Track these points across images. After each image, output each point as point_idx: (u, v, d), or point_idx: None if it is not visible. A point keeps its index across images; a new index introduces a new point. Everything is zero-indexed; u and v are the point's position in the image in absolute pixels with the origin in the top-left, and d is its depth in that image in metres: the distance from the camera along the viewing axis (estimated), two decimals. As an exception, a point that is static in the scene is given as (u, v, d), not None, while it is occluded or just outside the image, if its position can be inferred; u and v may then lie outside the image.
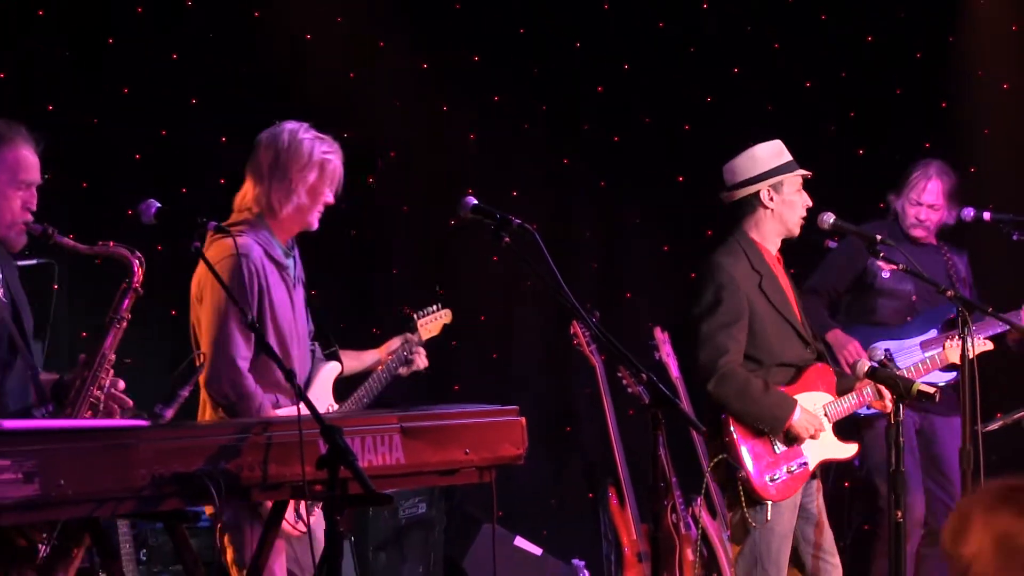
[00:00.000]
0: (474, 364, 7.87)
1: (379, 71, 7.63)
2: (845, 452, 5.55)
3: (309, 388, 4.81)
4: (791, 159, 5.51)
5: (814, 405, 5.41)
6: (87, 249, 4.18)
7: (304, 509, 4.55)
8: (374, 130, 7.58)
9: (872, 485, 6.69)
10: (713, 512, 6.62)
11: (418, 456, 4.13)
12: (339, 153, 4.83)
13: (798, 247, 5.67)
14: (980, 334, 5.98)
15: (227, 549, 4.62)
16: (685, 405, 6.43)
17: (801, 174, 5.50)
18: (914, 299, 6.77)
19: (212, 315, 4.65)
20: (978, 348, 5.53)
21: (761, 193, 5.46)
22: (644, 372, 4.13)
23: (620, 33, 8.06)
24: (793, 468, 5.35)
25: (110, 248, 4.19)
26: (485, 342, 7.90)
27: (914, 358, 6.28)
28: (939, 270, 6.65)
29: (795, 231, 5.51)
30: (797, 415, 5.31)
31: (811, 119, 7.97)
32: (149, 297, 4.32)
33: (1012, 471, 7.21)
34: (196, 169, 7.09)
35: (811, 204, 5.51)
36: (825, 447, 5.44)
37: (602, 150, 8.08)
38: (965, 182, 7.11)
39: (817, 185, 5.58)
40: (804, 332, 5.49)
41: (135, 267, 4.18)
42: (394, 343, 5.24)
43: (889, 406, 5.28)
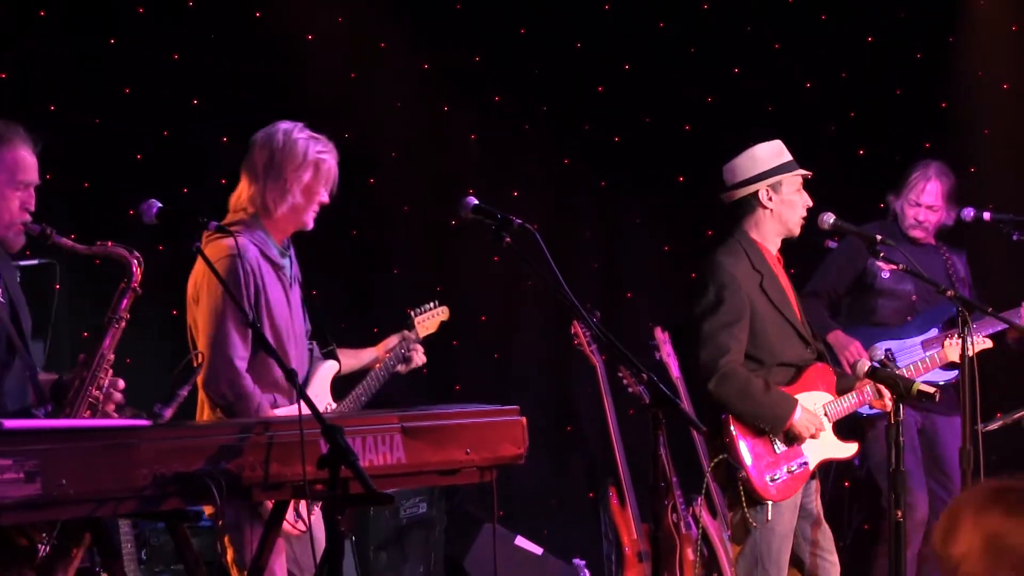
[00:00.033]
0: (475, 364, 7.87)
1: (380, 71, 7.64)
2: (845, 452, 5.55)
3: (307, 387, 4.81)
4: (791, 159, 5.50)
5: (814, 405, 5.41)
6: (85, 249, 4.18)
7: (304, 508, 4.55)
8: (375, 130, 7.59)
9: (874, 485, 6.69)
10: (713, 512, 6.62)
11: (419, 456, 4.13)
12: (334, 153, 4.83)
13: (798, 247, 5.66)
14: (979, 332, 5.99)
15: (227, 549, 4.63)
16: (686, 405, 6.43)
17: (801, 174, 5.48)
18: (914, 299, 6.77)
19: (209, 315, 4.65)
20: (978, 346, 5.53)
21: (760, 193, 5.46)
22: (645, 372, 4.12)
23: (620, 33, 8.06)
24: (793, 468, 5.35)
25: (108, 248, 4.18)
26: (486, 342, 7.90)
27: (915, 357, 6.28)
28: (938, 270, 6.64)
29: (795, 231, 5.50)
30: (798, 414, 5.31)
31: (811, 119, 7.96)
32: (150, 297, 4.32)
33: (1012, 471, 7.21)
34: (197, 169, 7.10)
35: (811, 204, 5.50)
36: (825, 447, 5.44)
37: (603, 150, 8.08)
38: (965, 182, 7.11)
39: (817, 185, 5.57)
40: (804, 332, 5.48)
41: (133, 267, 4.17)
42: (392, 341, 5.24)
43: (889, 405, 5.29)
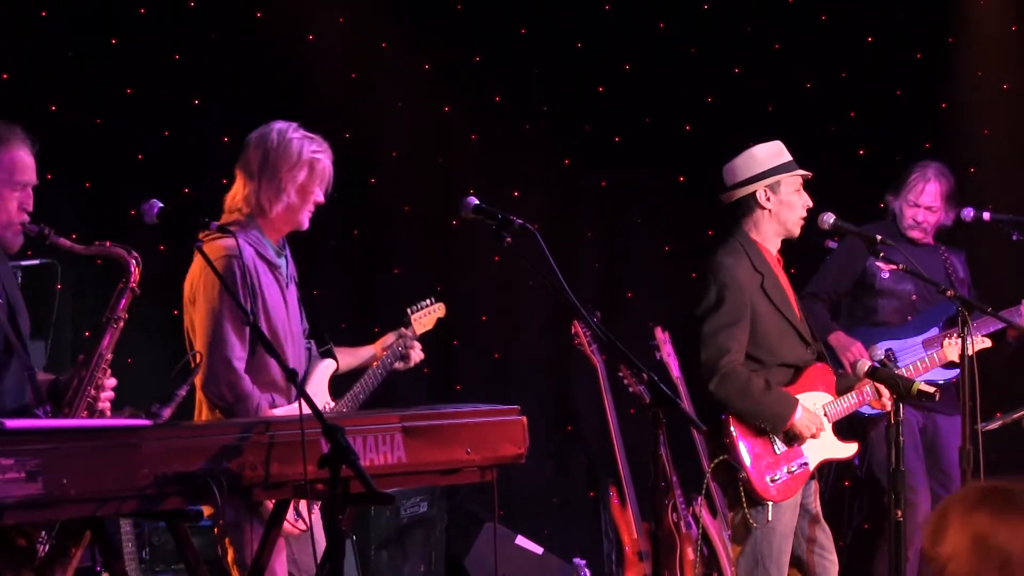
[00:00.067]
0: (475, 364, 7.88)
1: (380, 71, 7.65)
2: (845, 452, 5.55)
3: (306, 386, 4.80)
4: (790, 160, 5.49)
5: (814, 405, 5.40)
6: (83, 249, 4.18)
7: (304, 508, 4.56)
8: (375, 130, 7.60)
9: (875, 484, 6.69)
10: (714, 511, 6.62)
11: (420, 455, 4.13)
12: (329, 152, 4.82)
13: (798, 247, 5.65)
14: (978, 332, 5.99)
15: (228, 550, 4.63)
16: (686, 404, 6.43)
17: (800, 174, 5.47)
18: (914, 299, 6.76)
19: (206, 316, 4.64)
20: (977, 346, 5.54)
21: (757, 193, 5.44)
22: (645, 371, 4.11)
23: (621, 33, 8.07)
24: (794, 468, 5.35)
25: (106, 248, 4.18)
26: (486, 342, 7.91)
27: (916, 356, 6.28)
28: (938, 270, 6.64)
29: (794, 231, 5.49)
30: (799, 414, 5.31)
31: (811, 119, 7.96)
32: (151, 297, 4.33)
33: (1012, 470, 7.22)
34: (198, 169, 7.11)
35: (811, 205, 5.48)
36: (825, 447, 5.44)
37: (603, 150, 8.09)
38: (965, 182, 7.11)
39: (817, 185, 5.57)
40: (804, 332, 5.48)
41: (132, 267, 4.18)
42: (389, 339, 5.24)
43: (888, 405, 5.29)
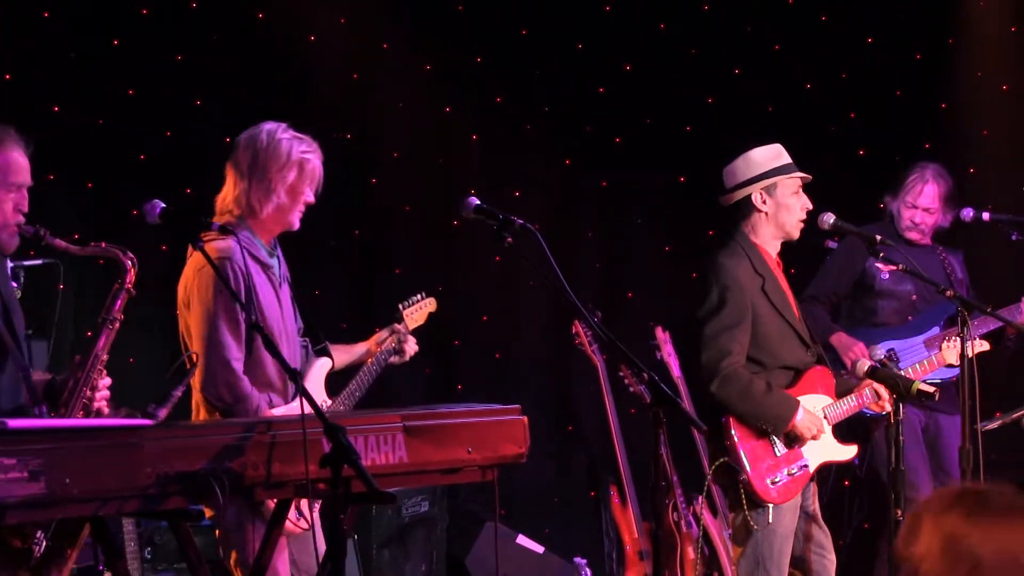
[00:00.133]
0: (476, 364, 7.89)
1: (381, 72, 7.66)
2: (845, 454, 5.55)
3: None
4: (788, 162, 5.47)
5: (814, 407, 5.40)
6: (79, 250, 4.17)
7: (305, 507, 4.56)
8: (376, 130, 7.61)
9: (876, 484, 6.69)
10: (714, 510, 6.63)
11: (421, 455, 4.15)
12: (318, 153, 4.83)
13: (798, 248, 5.65)
14: (976, 332, 5.99)
15: (231, 552, 4.63)
16: (686, 404, 6.44)
17: (798, 177, 5.46)
18: (914, 299, 6.76)
19: (201, 318, 4.64)
20: (975, 349, 5.54)
21: (754, 196, 5.43)
22: (645, 371, 4.12)
23: (621, 34, 8.08)
24: (794, 471, 5.35)
25: (102, 248, 4.18)
26: (487, 342, 7.92)
27: (918, 357, 6.29)
28: (936, 271, 6.63)
29: (793, 234, 5.48)
30: (800, 416, 5.32)
31: (811, 120, 7.97)
32: (153, 297, 4.34)
33: (1012, 470, 7.22)
34: (200, 169, 7.09)
35: (811, 207, 5.47)
36: (825, 449, 5.44)
37: (604, 150, 8.10)
38: (964, 183, 7.12)
39: (817, 186, 5.57)
40: (804, 335, 5.48)
41: (128, 268, 4.18)
42: (382, 335, 5.24)
43: (888, 407, 5.30)
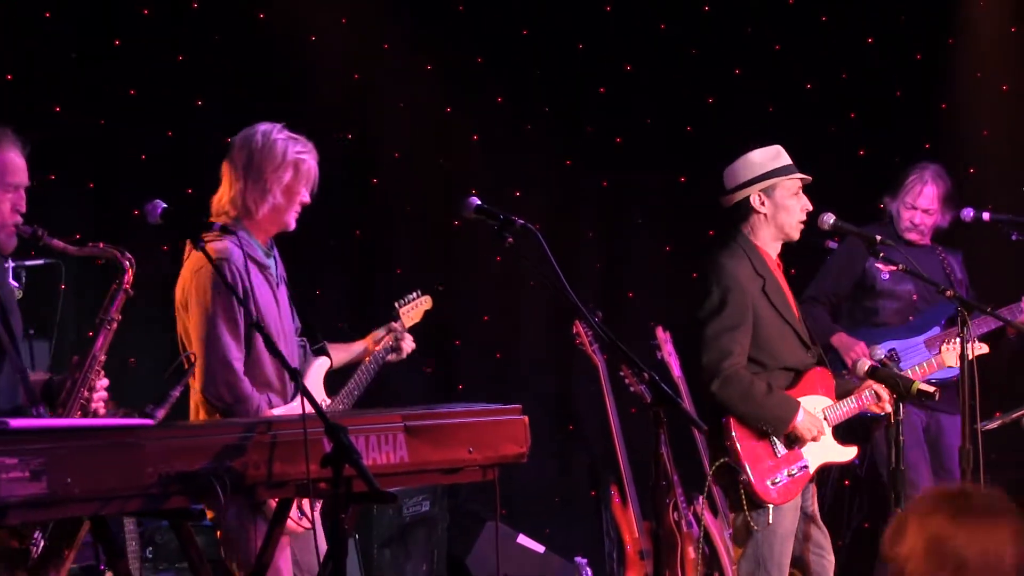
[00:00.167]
0: (477, 364, 7.90)
1: (382, 72, 7.66)
2: (845, 455, 5.54)
3: (301, 384, 4.82)
4: (788, 163, 5.46)
5: (814, 408, 5.40)
6: (77, 251, 4.18)
7: (307, 505, 4.57)
8: (377, 131, 7.62)
9: (878, 483, 6.69)
10: (715, 510, 6.63)
11: (422, 455, 4.15)
12: (314, 153, 4.83)
13: (798, 248, 5.65)
14: (975, 332, 5.98)
15: (234, 554, 4.63)
16: (687, 404, 6.45)
17: (798, 178, 5.45)
18: (915, 299, 6.76)
19: (200, 319, 4.63)
20: (975, 351, 5.55)
21: (752, 197, 5.43)
22: (646, 371, 4.12)
23: (622, 34, 8.08)
24: (794, 471, 5.35)
25: (100, 249, 4.18)
26: (488, 342, 7.93)
27: (919, 357, 6.29)
28: (936, 271, 6.63)
29: (793, 235, 5.47)
30: (801, 416, 5.31)
31: (812, 120, 7.98)
32: (154, 297, 4.35)
33: (1012, 470, 7.21)
34: (201, 169, 7.09)
35: (811, 208, 5.46)
36: (825, 450, 5.44)
37: (604, 151, 8.10)
38: (964, 183, 7.12)
39: (817, 186, 5.56)
40: (804, 336, 5.48)
41: (126, 268, 4.19)
42: (379, 333, 5.24)
43: (888, 409, 5.30)
